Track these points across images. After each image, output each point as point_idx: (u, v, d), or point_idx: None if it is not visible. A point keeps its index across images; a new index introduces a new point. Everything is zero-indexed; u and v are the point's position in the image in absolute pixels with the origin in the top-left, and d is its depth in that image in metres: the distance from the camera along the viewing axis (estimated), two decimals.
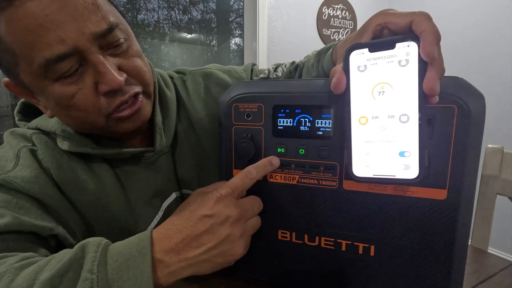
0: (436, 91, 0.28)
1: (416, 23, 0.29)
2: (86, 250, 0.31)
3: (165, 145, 0.51)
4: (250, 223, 0.37)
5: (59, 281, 0.29)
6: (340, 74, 0.31)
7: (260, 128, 0.40)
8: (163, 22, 2.09)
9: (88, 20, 0.36)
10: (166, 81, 0.55)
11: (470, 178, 0.32)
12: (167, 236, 0.33)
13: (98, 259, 0.30)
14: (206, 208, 0.34)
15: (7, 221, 0.36)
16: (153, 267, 0.31)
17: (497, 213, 0.72)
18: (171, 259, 0.32)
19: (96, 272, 0.29)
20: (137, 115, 0.43)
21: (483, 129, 0.31)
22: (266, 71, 0.61)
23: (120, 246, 0.32)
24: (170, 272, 0.32)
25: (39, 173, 0.42)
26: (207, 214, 0.34)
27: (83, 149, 0.45)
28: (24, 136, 0.46)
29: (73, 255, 0.30)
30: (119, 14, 0.42)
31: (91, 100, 0.39)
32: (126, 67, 0.41)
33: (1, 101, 1.62)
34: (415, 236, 0.34)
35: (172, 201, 0.54)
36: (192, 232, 0.33)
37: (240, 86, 0.42)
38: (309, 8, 2.09)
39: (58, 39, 0.35)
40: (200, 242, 0.33)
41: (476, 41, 1.87)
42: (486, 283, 0.45)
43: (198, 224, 0.33)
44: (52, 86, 0.38)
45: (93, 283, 0.28)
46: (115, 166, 0.48)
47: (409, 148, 0.29)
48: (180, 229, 0.33)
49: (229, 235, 0.34)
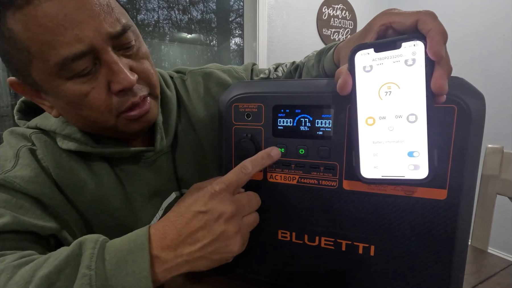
0: (445, 90, 0.28)
1: (422, 22, 0.29)
2: (84, 246, 0.31)
3: (165, 145, 0.51)
4: (247, 220, 0.36)
5: (56, 278, 0.29)
6: (346, 75, 0.31)
7: (260, 128, 0.40)
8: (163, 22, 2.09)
9: (104, 20, 0.37)
10: (166, 81, 0.55)
11: (470, 178, 0.32)
12: (164, 232, 0.33)
13: (96, 255, 0.30)
14: (200, 204, 0.34)
15: (7, 221, 0.36)
16: (151, 263, 0.31)
17: (497, 213, 0.72)
18: (167, 256, 0.32)
19: (94, 268, 0.29)
20: (145, 116, 0.44)
21: (483, 129, 0.31)
22: (267, 71, 0.61)
23: (118, 243, 0.32)
24: (167, 269, 0.32)
25: (38, 173, 0.42)
26: (201, 210, 0.33)
27: (83, 148, 0.45)
28: (24, 135, 0.46)
29: (70, 252, 0.31)
30: (127, 14, 0.43)
31: (103, 99, 0.40)
32: (136, 69, 0.42)
33: (1, 101, 1.62)
34: (415, 236, 0.34)
35: (172, 201, 0.54)
36: (186, 229, 0.33)
37: (240, 86, 0.42)
38: (309, 8, 2.09)
39: (76, 38, 0.35)
40: (195, 239, 0.33)
41: (476, 41, 1.87)
42: (486, 283, 0.45)
43: (193, 220, 0.33)
44: (65, 84, 0.38)
45: (91, 279, 0.29)
46: (115, 165, 0.48)
47: (418, 148, 0.29)
48: (175, 225, 0.33)
49: (224, 232, 0.33)
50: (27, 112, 0.51)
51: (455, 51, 1.93)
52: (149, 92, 0.44)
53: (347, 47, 0.39)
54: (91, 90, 0.39)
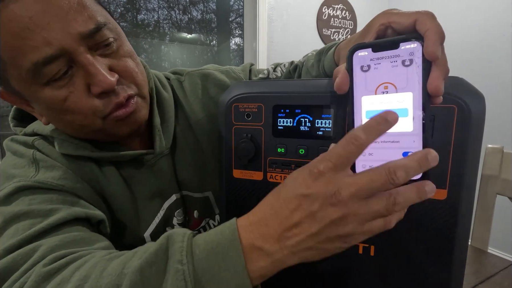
0: (441, 91, 0.27)
1: (420, 23, 0.29)
2: (171, 240, 0.29)
3: (164, 147, 0.51)
4: (373, 206, 0.27)
5: (149, 271, 0.27)
6: (343, 74, 0.31)
7: (260, 128, 0.40)
8: (163, 22, 2.09)
9: (74, 20, 0.35)
10: (162, 83, 0.55)
11: (470, 178, 0.32)
12: (264, 219, 0.28)
13: (185, 249, 0.28)
14: (303, 187, 0.27)
15: (63, 214, 0.36)
16: (251, 255, 0.28)
17: (497, 213, 0.72)
18: (272, 247, 0.28)
19: (186, 263, 0.27)
20: (132, 117, 0.43)
21: (483, 129, 0.32)
22: (266, 72, 0.61)
23: (206, 235, 0.30)
24: (274, 261, 0.28)
25: (65, 170, 0.42)
26: (303, 194, 0.27)
27: (81, 152, 0.44)
28: (27, 143, 0.45)
29: (159, 246, 0.29)
30: (107, 14, 0.41)
31: (84, 102, 0.38)
32: (117, 67, 0.40)
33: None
34: (415, 236, 0.34)
35: (172, 203, 0.54)
36: (289, 215, 0.28)
37: (240, 86, 0.42)
38: (309, 8, 2.09)
39: (44, 41, 0.34)
40: (300, 228, 0.27)
41: (476, 41, 1.87)
42: (486, 283, 0.45)
43: (295, 205, 0.27)
44: (42, 91, 0.37)
45: (184, 274, 0.27)
46: (118, 167, 0.48)
47: (413, 148, 0.29)
48: (276, 210, 0.28)
49: (334, 219, 0.27)
50: (22, 119, 0.50)
51: (455, 51, 1.93)
52: (135, 92, 0.43)
53: (347, 47, 0.39)
54: (69, 94, 0.38)
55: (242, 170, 0.41)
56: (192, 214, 0.57)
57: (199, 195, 0.56)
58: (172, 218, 0.54)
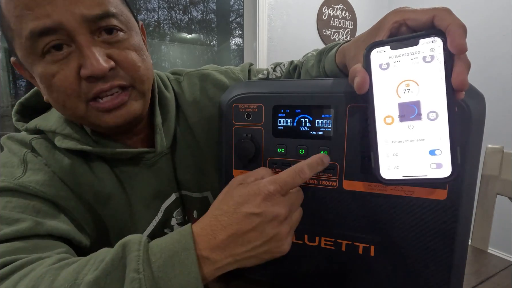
0: (466, 85, 0.27)
1: (440, 18, 0.28)
2: (128, 248, 0.30)
3: (165, 146, 0.51)
4: (295, 217, 0.36)
5: (104, 282, 0.28)
6: (363, 73, 0.30)
7: (260, 128, 0.40)
8: (163, 22, 2.09)
9: (82, 2, 0.37)
10: (164, 83, 0.55)
11: (470, 178, 0.32)
12: (212, 232, 0.32)
13: (142, 258, 0.29)
14: (252, 205, 0.32)
15: (29, 225, 0.36)
16: (199, 263, 0.30)
17: (497, 213, 0.72)
18: (217, 256, 0.31)
19: (143, 271, 0.28)
20: (120, 110, 0.42)
21: (483, 129, 0.31)
22: (265, 71, 0.61)
23: (162, 243, 0.31)
24: (216, 268, 0.32)
25: (51, 176, 0.42)
26: (254, 212, 0.32)
27: (82, 147, 0.44)
28: (23, 142, 0.45)
29: (114, 255, 0.30)
30: (124, 8, 0.42)
31: (70, 82, 0.38)
32: (118, 57, 0.40)
33: (1, 101, 1.62)
34: (415, 236, 0.34)
35: (171, 203, 0.54)
36: (238, 230, 0.32)
37: (240, 86, 0.42)
38: (309, 8, 2.09)
39: (45, 14, 0.36)
40: (247, 240, 0.32)
41: (476, 41, 1.87)
42: (486, 283, 0.45)
43: (245, 221, 0.32)
44: (38, 63, 0.38)
45: (141, 282, 0.28)
46: (115, 167, 0.48)
47: (440, 146, 0.28)
48: (225, 226, 0.32)
49: (277, 234, 0.33)
50: (25, 114, 0.50)
51: None
52: (132, 85, 0.42)
53: (355, 47, 0.38)
54: (59, 71, 0.38)
55: (242, 170, 0.41)
56: (192, 214, 0.57)
57: (198, 195, 0.56)
58: (170, 219, 0.54)
